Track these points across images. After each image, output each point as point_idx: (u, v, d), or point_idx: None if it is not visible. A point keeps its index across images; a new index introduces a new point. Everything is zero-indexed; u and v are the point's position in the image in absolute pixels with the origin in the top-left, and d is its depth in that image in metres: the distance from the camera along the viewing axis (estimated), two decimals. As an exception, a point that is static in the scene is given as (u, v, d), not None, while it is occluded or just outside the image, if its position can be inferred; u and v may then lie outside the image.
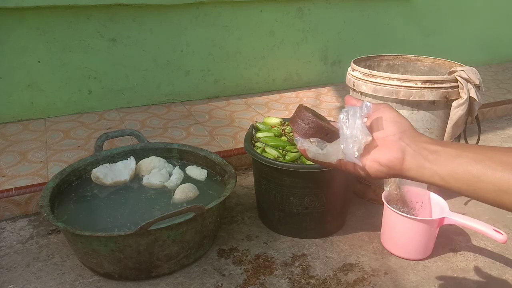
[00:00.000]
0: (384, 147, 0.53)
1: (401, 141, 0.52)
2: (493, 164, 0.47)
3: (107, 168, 1.19)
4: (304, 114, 0.55)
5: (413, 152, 0.51)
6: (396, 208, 1.09)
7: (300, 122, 0.55)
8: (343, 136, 0.53)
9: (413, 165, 0.51)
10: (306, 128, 0.55)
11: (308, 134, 0.55)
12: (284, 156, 1.10)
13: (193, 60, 2.04)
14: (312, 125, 0.55)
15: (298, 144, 0.56)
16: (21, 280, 0.99)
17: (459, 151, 0.50)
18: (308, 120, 0.55)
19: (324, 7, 2.26)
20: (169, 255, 0.97)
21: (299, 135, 0.56)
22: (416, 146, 0.52)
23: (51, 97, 1.81)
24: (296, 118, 0.56)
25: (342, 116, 0.54)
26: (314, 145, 0.55)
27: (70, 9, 1.71)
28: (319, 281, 1.01)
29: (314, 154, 0.55)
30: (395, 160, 0.52)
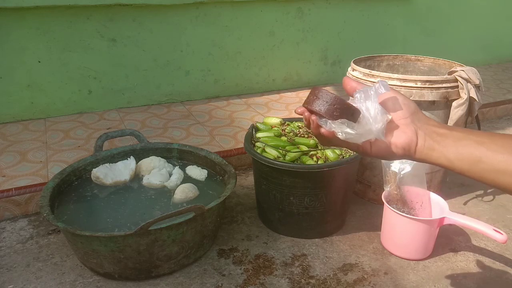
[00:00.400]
0: (399, 130, 0.54)
1: (413, 124, 0.54)
2: (494, 146, 0.49)
3: (107, 168, 1.19)
4: (327, 94, 0.52)
5: (424, 135, 0.53)
6: (396, 208, 1.09)
7: (324, 103, 0.52)
8: (370, 116, 0.52)
9: (423, 148, 0.53)
10: (333, 108, 0.52)
11: (336, 115, 0.52)
12: (284, 156, 1.10)
13: (193, 60, 2.04)
14: (339, 105, 0.52)
15: (325, 126, 0.54)
16: (21, 280, 0.99)
17: (465, 134, 0.52)
18: (333, 100, 0.52)
19: (324, 7, 2.26)
20: (169, 255, 0.97)
21: (325, 116, 0.53)
22: (426, 129, 0.54)
23: (51, 97, 1.81)
24: (317, 99, 0.53)
25: (359, 95, 0.54)
26: (344, 126, 0.52)
27: (70, 9, 1.71)
28: (319, 281, 1.01)
29: (346, 136, 0.53)
30: (411, 143, 0.53)
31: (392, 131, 0.54)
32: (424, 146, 0.53)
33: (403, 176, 1.10)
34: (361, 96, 0.54)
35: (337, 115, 0.52)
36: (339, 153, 1.12)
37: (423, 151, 0.53)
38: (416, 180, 1.12)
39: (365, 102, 0.53)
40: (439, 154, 0.52)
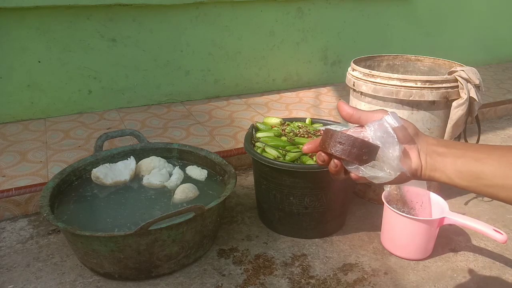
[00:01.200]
0: (407, 156, 0.55)
1: (416, 147, 0.55)
2: (491, 161, 0.50)
3: (107, 168, 1.19)
4: (350, 138, 0.50)
5: (425, 157, 0.55)
6: (396, 208, 1.09)
7: (351, 149, 0.51)
8: (389, 151, 0.52)
9: (426, 170, 0.55)
10: (362, 153, 0.51)
11: (365, 159, 0.51)
12: (284, 156, 1.10)
13: (193, 60, 2.04)
14: (367, 149, 0.51)
15: (356, 173, 0.53)
16: (21, 280, 0.99)
17: (463, 151, 0.53)
18: (361, 144, 0.50)
19: (324, 7, 2.26)
20: (169, 255, 0.97)
21: (356, 162, 0.52)
22: (427, 149, 0.55)
23: (51, 97, 1.81)
24: (340, 145, 0.51)
25: (372, 128, 0.53)
26: (377, 170, 0.53)
27: (70, 9, 1.71)
28: (319, 281, 1.01)
29: (380, 179, 0.53)
30: (417, 167, 0.55)
31: (402, 160, 0.55)
32: (427, 168, 0.55)
33: (403, 176, 1.10)
34: (375, 129, 0.53)
35: (366, 158, 0.51)
36: (339, 153, 1.11)
37: (426, 173, 0.55)
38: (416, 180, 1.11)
39: (381, 135, 0.53)
40: (440, 173, 0.54)
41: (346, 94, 2.20)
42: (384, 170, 0.53)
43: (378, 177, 0.53)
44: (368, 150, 0.51)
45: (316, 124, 1.29)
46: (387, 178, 0.53)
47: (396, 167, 0.53)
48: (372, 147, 0.52)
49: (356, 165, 0.52)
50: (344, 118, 0.58)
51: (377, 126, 0.53)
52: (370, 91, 1.21)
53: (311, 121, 1.30)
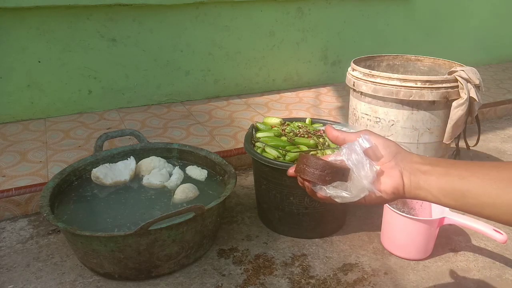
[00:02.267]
0: (385, 176, 0.55)
1: (398, 166, 0.55)
2: (476, 179, 0.50)
3: (107, 168, 1.19)
4: (316, 161, 0.55)
5: (408, 175, 0.54)
6: (396, 208, 1.09)
7: (314, 171, 0.55)
8: (359, 172, 0.54)
9: (410, 188, 0.54)
10: (325, 174, 0.54)
11: (328, 180, 0.54)
12: (284, 156, 1.10)
13: (193, 60, 2.04)
14: (330, 170, 0.54)
15: (321, 193, 0.56)
16: (21, 280, 0.99)
17: (447, 169, 0.52)
18: (323, 167, 0.54)
19: (324, 7, 2.26)
20: (169, 255, 0.97)
21: (319, 183, 0.55)
22: (410, 168, 0.54)
23: (51, 97, 1.81)
24: (308, 167, 0.55)
25: (345, 151, 0.56)
26: (340, 190, 0.55)
27: (70, 9, 1.71)
28: (319, 281, 1.01)
29: (342, 200, 0.55)
30: (398, 186, 0.54)
31: (379, 178, 0.55)
32: (411, 186, 0.54)
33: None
34: (347, 152, 0.55)
35: (330, 179, 0.54)
36: (339, 153, 1.11)
37: (411, 191, 0.54)
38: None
39: (352, 157, 0.55)
40: (425, 192, 0.53)
41: (346, 94, 2.20)
42: (349, 190, 0.55)
43: (340, 196, 0.55)
44: (332, 171, 0.54)
45: (316, 124, 1.29)
46: (350, 198, 0.55)
47: (362, 188, 0.54)
48: (336, 169, 0.54)
49: (319, 185, 0.55)
50: (331, 140, 0.61)
51: (347, 148, 0.56)
52: (370, 91, 1.21)
53: (311, 121, 1.30)
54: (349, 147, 0.56)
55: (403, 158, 0.55)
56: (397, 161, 0.55)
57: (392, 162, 0.55)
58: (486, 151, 1.76)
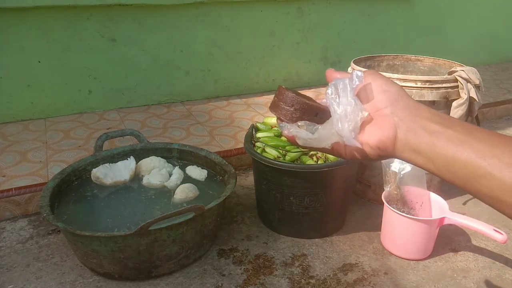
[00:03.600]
0: (374, 124, 0.44)
1: (394, 116, 0.43)
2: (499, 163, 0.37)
3: (107, 168, 1.19)
4: (287, 95, 0.47)
5: (406, 130, 0.42)
6: (396, 208, 1.09)
7: (283, 106, 0.47)
8: (335, 115, 0.44)
9: (404, 148, 0.42)
10: (292, 111, 0.46)
11: (295, 118, 0.46)
12: (284, 156, 1.10)
13: (193, 60, 2.04)
14: (298, 106, 0.46)
15: (284, 131, 0.47)
16: (21, 280, 0.99)
17: (463, 136, 0.39)
18: (292, 101, 0.46)
19: (324, 7, 2.26)
20: (169, 255, 0.97)
21: (284, 120, 0.47)
22: (411, 122, 0.42)
23: (51, 97, 1.81)
24: (278, 102, 0.48)
25: (329, 91, 0.45)
26: (304, 130, 0.46)
27: (70, 9, 1.71)
28: (319, 281, 1.01)
29: (304, 141, 0.46)
30: (387, 141, 0.43)
31: (364, 127, 0.44)
32: (406, 145, 0.42)
33: (403, 176, 1.10)
34: (332, 91, 0.45)
35: (296, 117, 0.46)
36: (339, 153, 1.11)
37: (403, 152, 0.42)
38: (416, 180, 1.12)
39: (336, 97, 0.45)
40: (424, 159, 0.41)
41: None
42: (315, 132, 0.46)
43: (301, 137, 0.46)
44: (301, 108, 0.46)
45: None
46: (312, 141, 0.46)
47: (332, 133, 0.45)
48: (307, 106, 0.46)
49: (284, 123, 0.48)
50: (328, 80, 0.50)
51: (333, 85, 0.45)
52: (370, 91, 1.20)
53: (311, 121, 1.29)
54: (336, 83, 0.45)
55: (405, 107, 0.43)
56: (394, 109, 0.43)
57: (387, 110, 0.43)
58: (486, 151, 1.76)
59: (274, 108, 0.48)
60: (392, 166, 1.11)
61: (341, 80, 0.45)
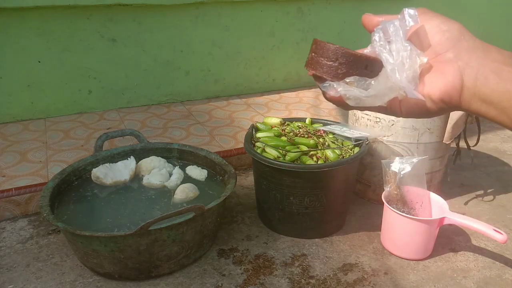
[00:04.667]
0: (435, 72, 0.37)
1: (458, 61, 0.35)
2: None
3: (107, 168, 1.19)
4: (328, 48, 0.39)
5: (474, 76, 0.35)
6: (396, 208, 1.09)
7: (324, 61, 0.39)
8: (389, 64, 0.37)
9: (473, 99, 0.35)
10: (336, 66, 0.38)
11: (341, 74, 0.39)
12: (284, 156, 1.10)
13: (193, 60, 2.04)
14: (344, 60, 0.38)
15: (329, 92, 0.39)
16: (21, 280, 0.99)
17: None
18: (336, 54, 0.38)
19: (324, 7, 2.26)
20: (169, 255, 0.97)
21: (328, 78, 0.39)
22: (480, 66, 0.35)
23: (51, 97, 1.81)
24: (317, 58, 0.40)
25: (377, 37, 0.38)
26: (354, 87, 0.38)
27: (70, 9, 1.71)
28: (319, 281, 1.01)
29: (357, 100, 0.39)
30: (452, 92, 0.36)
31: (423, 77, 0.37)
32: (475, 95, 0.35)
33: (403, 176, 1.10)
34: (380, 37, 0.38)
35: (342, 73, 0.39)
36: (339, 153, 1.12)
37: (471, 103, 0.35)
38: (416, 180, 1.12)
39: (387, 44, 0.38)
40: (498, 111, 0.34)
41: (346, 94, 2.20)
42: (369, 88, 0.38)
43: (354, 96, 0.39)
44: (347, 62, 0.38)
45: (316, 124, 1.29)
46: (367, 100, 0.38)
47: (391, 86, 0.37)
48: (354, 58, 0.38)
49: (328, 82, 0.40)
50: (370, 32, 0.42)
51: (381, 29, 0.38)
52: (370, 91, 1.20)
53: (311, 121, 1.30)
54: (384, 27, 0.38)
55: (470, 48, 0.36)
56: (458, 53, 0.36)
57: (449, 54, 0.36)
58: (486, 151, 1.76)
59: (312, 65, 0.41)
60: (392, 166, 1.11)
61: (390, 22, 0.38)
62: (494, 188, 1.47)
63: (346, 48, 0.38)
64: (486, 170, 1.60)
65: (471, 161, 1.56)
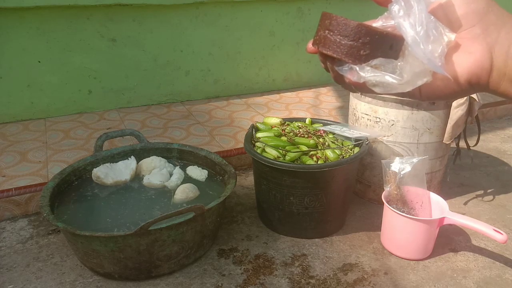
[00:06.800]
0: (462, 50, 0.33)
1: (487, 37, 0.32)
2: None
3: (107, 168, 1.19)
4: (348, 24, 0.33)
5: (504, 55, 0.31)
6: (396, 208, 1.09)
7: (343, 40, 0.33)
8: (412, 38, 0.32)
9: (504, 78, 0.32)
10: (359, 46, 0.32)
11: (364, 55, 0.33)
12: (284, 156, 1.10)
13: (193, 60, 2.04)
14: (367, 39, 0.32)
15: (352, 77, 0.34)
16: (21, 280, 0.99)
17: None
18: (358, 32, 0.32)
19: (324, 7, 2.26)
20: (169, 255, 0.97)
21: (347, 60, 0.33)
22: (510, 42, 0.31)
23: (51, 97, 1.81)
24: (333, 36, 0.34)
25: (396, 8, 0.33)
26: (382, 72, 0.33)
27: (70, 9, 1.71)
28: (319, 281, 1.01)
29: (387, 87, 0.33)
30: (480, 72, 0.32)
31: (450, 55, 0.33)
32: (505, 75, 0.31)
33: (403, 176, 1.10)
34: (400, 10, 0.32)
35: (367, 54, 0.33)
36: (339, 153, 1.12)
37: (500, 82, 0.32)
38: (416, 180, 1.12)
39: (409, 18, 0.32)
40: None
41: (346, 94, 2.20)
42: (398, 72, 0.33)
43: (383, 82, 0.33)
44: (371, 41, 0.33)
45: (316, 124, 1.29)
46: (399, 86, 0.33)
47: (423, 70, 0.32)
48: (379, 36, 0.33)
49: (349, 65, 0.34)
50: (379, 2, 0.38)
51: (403, 1, 0.32)
52: (370, 91, 1.20)
53: (311, 121, 1.30)
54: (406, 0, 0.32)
55: (499, 22, 0.32)
56: (486, 28, 0.32)
57: (476, 29, 0.32)
58: (486, 151, 1.76)
59: (326, 45, 0.34)
60: (392, 166, 1.11)
61: None
62: (494, 188, 1.47)
63: (368, 24, 0.34)
64: (486, 170, 1.60)
65: (471, 161, 1.56)
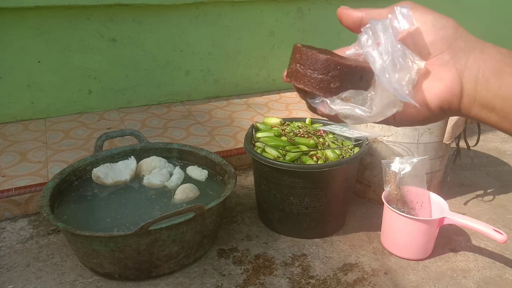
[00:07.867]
0: (432, 77, 0.33)
1: (456, 63, 0.32)
2: None
3: (107, 168, 1.19)
4: (317, 58, 0.33)
5: (474, 80, 0.31)
6: (396, 208, 1.09)
7: (313, 74, 0.33)
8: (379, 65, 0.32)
9: (474, 103, 0.32)
10: (328, 79, 0.33)
11: (335, 88, 0.33)
12: (284, 156, 1.10)
13: (193, 60, 2.04)
14: (337, 72, 0.33)
15: (324, 110, 0.34)
16: (21, 280, 0.99)
17: None
18: (327, 66, 0.33)
19: (324, 7, 2.26)
20: (169, 255, 0.97)
21: (318, 93, 0.33)
22: (479, 67, 0.31)
23: (51, 97, 1.81)
24: (304, 70, 0.34)
25: (364, 38, 0.33)
26: (352, 104, 0.33)
27: (70, 9, 1.71)
28: (319, 281, 1.01)
29: (357, 119, 0.33)
30: (451, 98, 0.32)
31: (420, 82, 0.33)
32: (475, 101, 0.31)
33: (403, 176, 1.10)
34: (368, 39, 0.33)
35: (337, 86, 0.33)
36: (339, 153, 1.12)
37: (471, 108, 0.32)
38: (416, 180, 1.12)
39: (378, 47, 0.32)
40: (499, 117, 0.31)
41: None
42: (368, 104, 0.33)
43: (353, 115, 0.33)
44: (341, 74, 0.33)
45: (316, 124, 1.29)
46: (369, 118, 0.33)
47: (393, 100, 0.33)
48: (348, 69, 0.33)
49: (320, 98, 0.34)
50: (350, 29, 0.38)
51: (370, 29, 0.33)
52: (370, 91, 1.20)
53: (311, 121, 1.30)
54: (374, 28, 0.33)
55: (467, 48, 0.32)
56: (455, 54, 0.32)
57: (445, 55, 0.32)
58: (486, 151, 1.76)
59: (298, 78, 0.34)
60: (392, 166, 1.11)
61: (379, 21, 0.33)
62: (494, 188, 1.47)
63: (337, 56, 0.34)
64: (486, 170, 1.60)
65: (471, 161, 1.56)
